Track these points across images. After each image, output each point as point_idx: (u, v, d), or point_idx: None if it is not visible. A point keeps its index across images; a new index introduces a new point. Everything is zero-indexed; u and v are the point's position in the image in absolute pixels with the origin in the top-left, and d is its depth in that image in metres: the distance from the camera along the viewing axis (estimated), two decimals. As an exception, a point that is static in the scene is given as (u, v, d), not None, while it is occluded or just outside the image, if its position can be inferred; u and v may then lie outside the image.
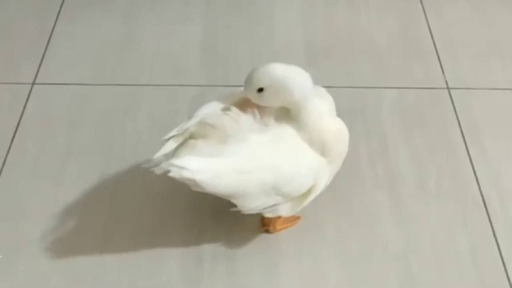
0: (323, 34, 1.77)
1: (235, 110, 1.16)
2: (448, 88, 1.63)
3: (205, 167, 1.11)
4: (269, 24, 1.79)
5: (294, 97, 1.15)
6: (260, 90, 1.14)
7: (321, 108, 1.18)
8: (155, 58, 1.69)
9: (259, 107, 1.17)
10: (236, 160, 1.13)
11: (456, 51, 1.73)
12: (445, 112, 1.57)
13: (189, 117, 1.19)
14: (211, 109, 1.19)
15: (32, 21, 1.78)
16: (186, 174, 1.10)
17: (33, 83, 1.61)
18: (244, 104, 1.17)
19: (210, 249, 1.29)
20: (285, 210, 1.22)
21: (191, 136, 1.16)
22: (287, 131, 1.17)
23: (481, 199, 1.39)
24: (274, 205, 1.19)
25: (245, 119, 1.16)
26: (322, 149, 1.18)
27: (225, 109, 1.17)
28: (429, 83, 1.65)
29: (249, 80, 1.15)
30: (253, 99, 1.16)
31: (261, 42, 1.74)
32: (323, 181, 1.21)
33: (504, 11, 1.85)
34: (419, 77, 1.66)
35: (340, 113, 1.24)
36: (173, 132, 1.17)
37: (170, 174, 1.11)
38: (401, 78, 1.66)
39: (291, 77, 1.14)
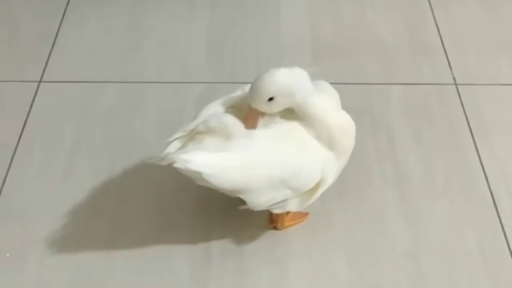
0: (330, 30, 1.76)
1: (238, 113, 1.17)
2: (455, 84, 1.62)
3: (211, 161, 1.11)
4: (275, 20, 1.79)
5: (297, 99, 1.15)
6: (270, 99, 1.14)
7: (324, 102, 1.18)
8: (161, 55, 1.69)
9: (263, 114, 1.17)
10: (242, 154, 1.13)
11: (463, 47, 1.72)
12: (453, 108, 1.57)
13: (194, 117, 1.19)
14: (214, 110, 1.19)
15: (39, 19, 1.78)
16: (191, 166, 1.10)
17: (40, 81, 1.61)
18: (248, 116, 1.16)
19: (218, 246, 1.28)
20: (293, 206, 1.22)
21: (197, 133, 1.16)
22: (293, 126, 1.17)
23: (490, 196, 1.38)
24: (282, 201, 1.19)
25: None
26: (329, 143, 1.18)
27: (228, 110, 1.18)
28: (437, 79, 1.64)
29: (256, 91, 1.14)
30: (262, 109, 1.15)
31: (268, 39, 1.73)
32: (331, 175, 1.20)
33: (511, 7, 1.84)
34: (427, 73, 1.65)
35: (347, 110, 1.23)
36: (178, 134, 1.17)
37: (175, 165, 1.10)
38: (409, 74, 1.65)
39: (296, 81, 1.14)
